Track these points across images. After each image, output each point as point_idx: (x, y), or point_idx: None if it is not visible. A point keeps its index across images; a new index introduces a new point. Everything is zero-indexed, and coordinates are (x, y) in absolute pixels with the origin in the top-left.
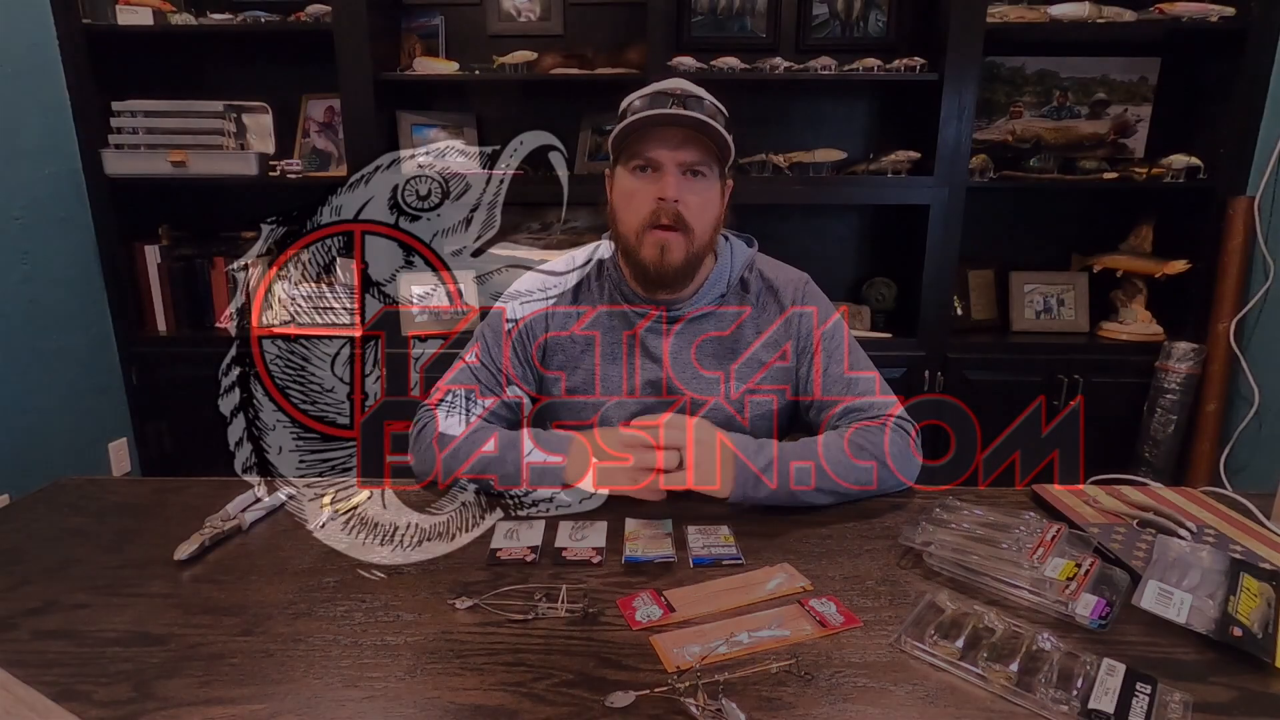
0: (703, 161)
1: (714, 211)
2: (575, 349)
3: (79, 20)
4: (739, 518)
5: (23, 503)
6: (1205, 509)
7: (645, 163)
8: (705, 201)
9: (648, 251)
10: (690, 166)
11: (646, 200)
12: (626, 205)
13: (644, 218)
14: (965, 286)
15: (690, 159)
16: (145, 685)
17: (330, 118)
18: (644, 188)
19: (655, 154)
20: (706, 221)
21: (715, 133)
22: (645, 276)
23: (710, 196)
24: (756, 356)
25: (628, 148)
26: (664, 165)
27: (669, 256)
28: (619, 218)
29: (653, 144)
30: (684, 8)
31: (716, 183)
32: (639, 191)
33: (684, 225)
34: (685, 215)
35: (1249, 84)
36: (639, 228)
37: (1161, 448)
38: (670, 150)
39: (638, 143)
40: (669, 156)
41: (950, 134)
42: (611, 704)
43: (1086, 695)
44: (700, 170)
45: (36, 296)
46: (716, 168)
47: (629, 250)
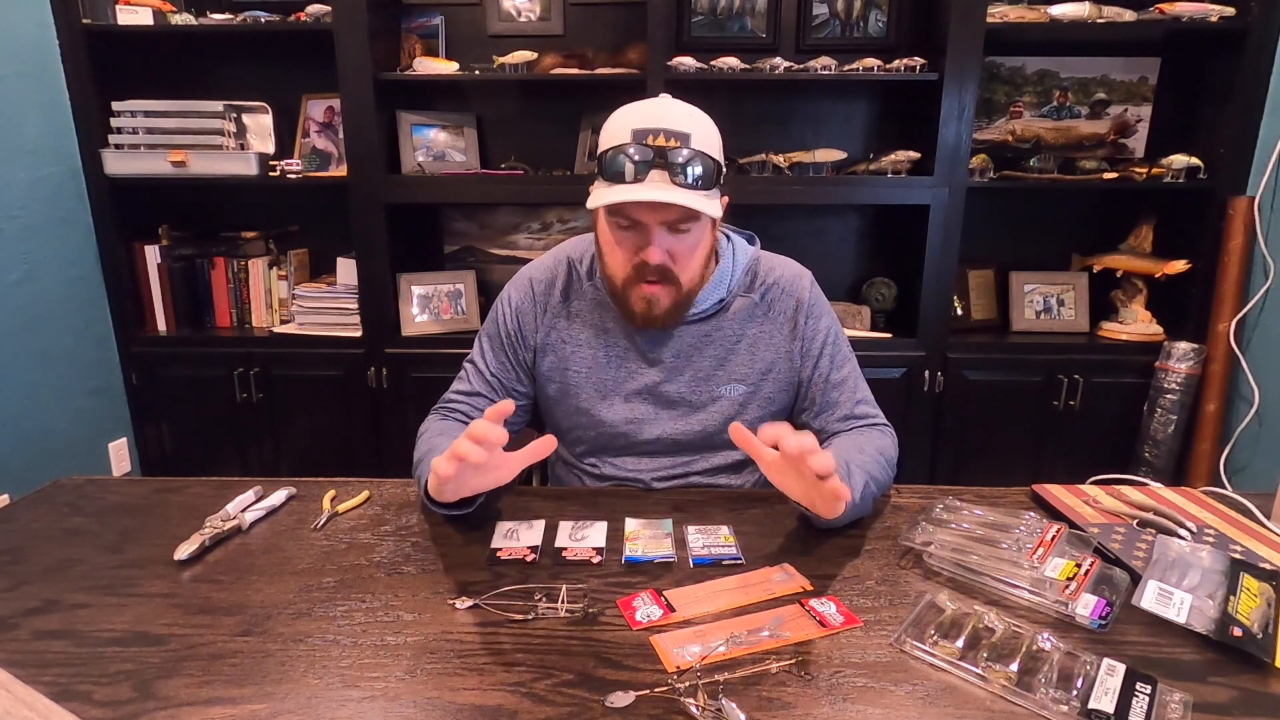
0: (688, 217)
1: (703, 253)
2: (566, 350)
3: (79, 20)
4: (739, 518)
5: (23, 503)
6: (1205, 509)
7: (627, 221)
8: (692, 248)
9: (635, 303)
10: (675, 224)
11: (630, 255)
12: (610, 252)
13: (629, 271)
14: (965, 286)
15: (674, 218)
16: (145, 685)
17: (330, 118)
18: (626, 243)
19: (637, 214)
20: (696, 265)
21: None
22: (632, 322)
23: (698, 241)
24: (762, 358)
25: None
26: (648, 226)
27: (656, 309)
28: (604, 259)
29: (633, 205)
30: (684, 8)
31: (705, 226)
32: (622, 245)
33: (672, 278)
34: (673, 270)
35: (1249, 84)
36: (624, 279)
37: (1161, 448)
38: (653, 210)
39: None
40: (652, 216)
41: (950, 134)
42: (611, 704)
43: (1086, 695)
44: (685, 225)
45: (36, 296)
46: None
47: (615, 295)
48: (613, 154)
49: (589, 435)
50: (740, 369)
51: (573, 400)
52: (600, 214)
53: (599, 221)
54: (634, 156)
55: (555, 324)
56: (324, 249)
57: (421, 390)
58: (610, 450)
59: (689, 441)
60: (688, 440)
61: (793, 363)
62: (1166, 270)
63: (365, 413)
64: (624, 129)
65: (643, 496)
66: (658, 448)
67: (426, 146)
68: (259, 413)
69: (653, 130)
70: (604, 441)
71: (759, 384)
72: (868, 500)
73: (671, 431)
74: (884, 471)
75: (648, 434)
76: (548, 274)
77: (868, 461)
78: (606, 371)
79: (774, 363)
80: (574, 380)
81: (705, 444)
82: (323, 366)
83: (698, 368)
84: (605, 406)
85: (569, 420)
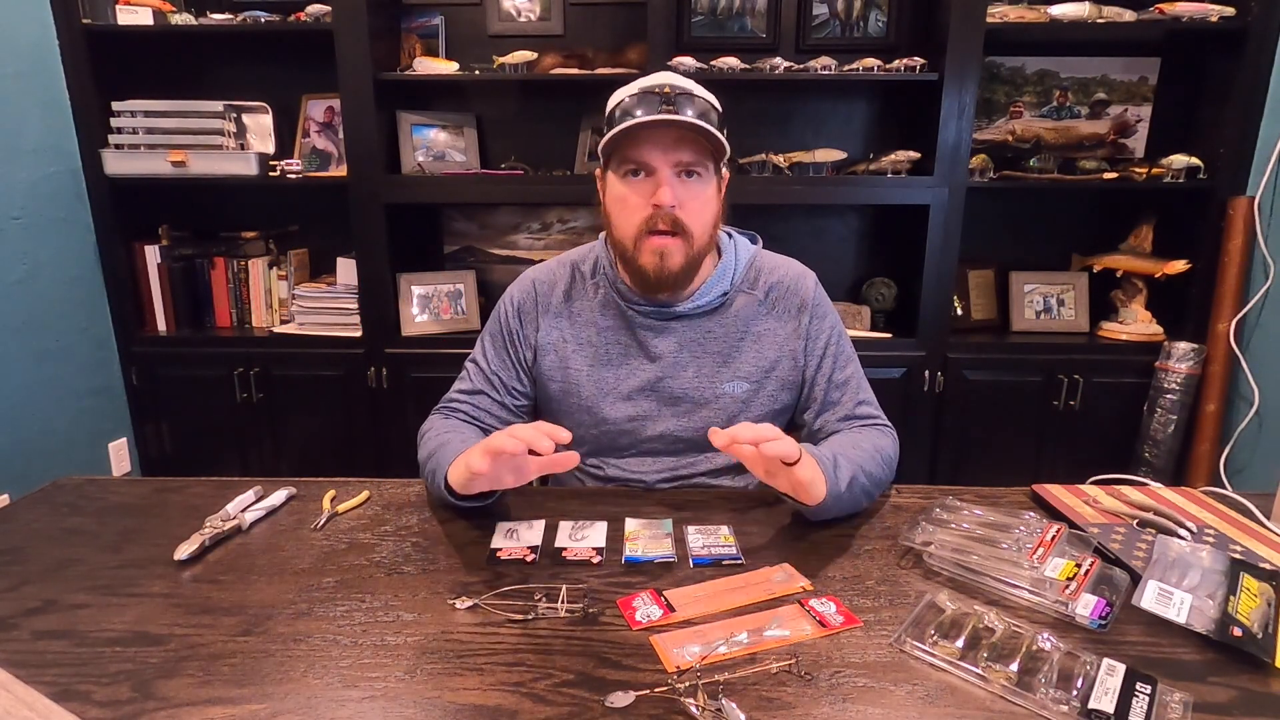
0: (698, 161)
1: (712, 211)
2: (567, 349)
3: (79, 20)
4: (739, 518)
5: (23, 503)
6: (1205, 509)
7: (638, 166)
8: (703, 202)
9: (646, 258)
10: (686, 167)
11: (641, 206)
12: (621, 211)
13: (640, 224)
14: (965, 286)
15: (685, 160)
16: (145, 685)
17: (330, 118)
18: (638, 193)
19: (648, 157)
20: (705, 222)
21: (709, 131)
22: (645, 282)
23: (707, 196)
24: (766, 356)
25: (618, 151)
26: (658, 169)
27: (668, 262)
28: (614, 223)
29: (645, 147)
30: (684, 8)
31: (713, 181)
32: (633, 196)
33: (682, 229)
34: (683, 219)
35: (1249, 84)
36: (635, 234)
37: (1161, 448)
38: (664, 152)
39: (629, 146)
40: (663, 159)
41: (950, 134)
42: (611, 704)
43: (1086, 695)
44: (696, 170)
45: (36, 296)
46: (712, 165)
47: (627, 256)
48: (621, 108)
49: (591, 434)
50: (744, 366)
51: (574, 398)
52: (610, 179)
53: (609, 186)
54: (643, 101)
55: (556, 324)
56: (324, 249)
57: (421, 390)
58: (613, 450)
59: (691, 439)
60: (690, 438)
61: (796, 361)
62: (1166, 270)
63: (365, 413)
64: (631, 90)
65: (643, 496)
66: (660, 446)
67: (426, 146)
68: (259, 413)
69: (659, 85)
70: (607, 441)
71: (762, 382)
72: (858, 494)
73: (674, 429)
74: (880, 468)
75: (650, 431)
76: (550, 276)
77: (860, 456)
78: (608, 369)
79: (778, 361)
80: (575, 378)
81: (708, 442)
82: (323, 366)
83: (700, 364)
84: (607, 404)
85: (571, 419)
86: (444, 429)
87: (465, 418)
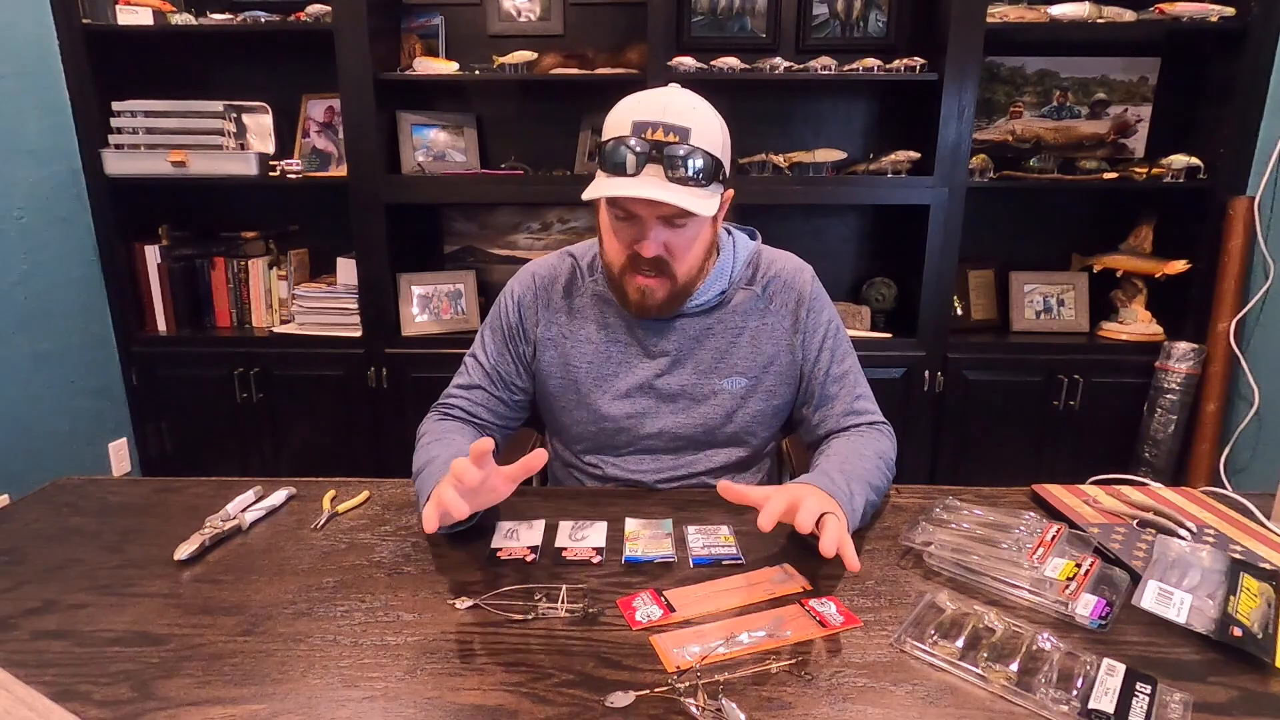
0: (684, 213)
1: (702, 246)
2: (567, 345)
3: (79, 20)
4: (739, 518)
5: (23, 503)
6: (1205, 509)
7: (624, 214)
8: (689, 242)
9: (630, 292)
10: (671, 219)
11: (626, 246)
12: (609, 240)
13: (625, 259)
14: (965, 286)
15: (669, 213)
16: (145, 685)
17: (330, 118)
18: (622, 237)
19: (633, 208)
20: (692, 260)
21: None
22: (628, 309)
23: (694, 235)
24: (763, 351)
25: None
26: (644, 219)
27: (649, 300)
28: (603, 246)
29: (628, 198)
30: (684, 8)
31: (702, 219)
32: (619, 235)
33: (668, 270)
34: (669, 262)
35: (1249, 84)
36: (620, 267)
37: (1161, 448)
38: (648, 204)
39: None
40: (648, 210)
41: (950, 134)
42: (611, 704)
43: (1086, 695)
44: (682, 220)
45: (36, 296)
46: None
47: (612, 282)
48: (613, 145)
49: (590, 431)
50: (741, 362)
51: (574, 394)
52: (601, 201)
53: (600, 208)
54: (634, 148)
55: (556, 319)
56: (324, 249)
57: (421, 390)
58: (612, 448)
59: (690, 436)
60: (689, 434)
61: (794, 356)
62: (1166, 270)
63: (365, 413)
64: (626, 120)
65: (643, 496)
66: (659, 443)
67: (426, 146)
68: (259, 413)
69: (653, 124)
70: (605, 438)
71: (760, 377)
72: (867, 513)
73: (672, 425)
74: (883, 477)
75: (649, 428)
76: (550, 270)
77: (869, 472)
78: (608, 365)
79: (775, 356)
80: (575, 374)
81: (707, 439)
82: (323, 366)
83: (698, 361)
84: (606, 400)
85: (569, 416)
86: (435, 436)
87: (462, 414)
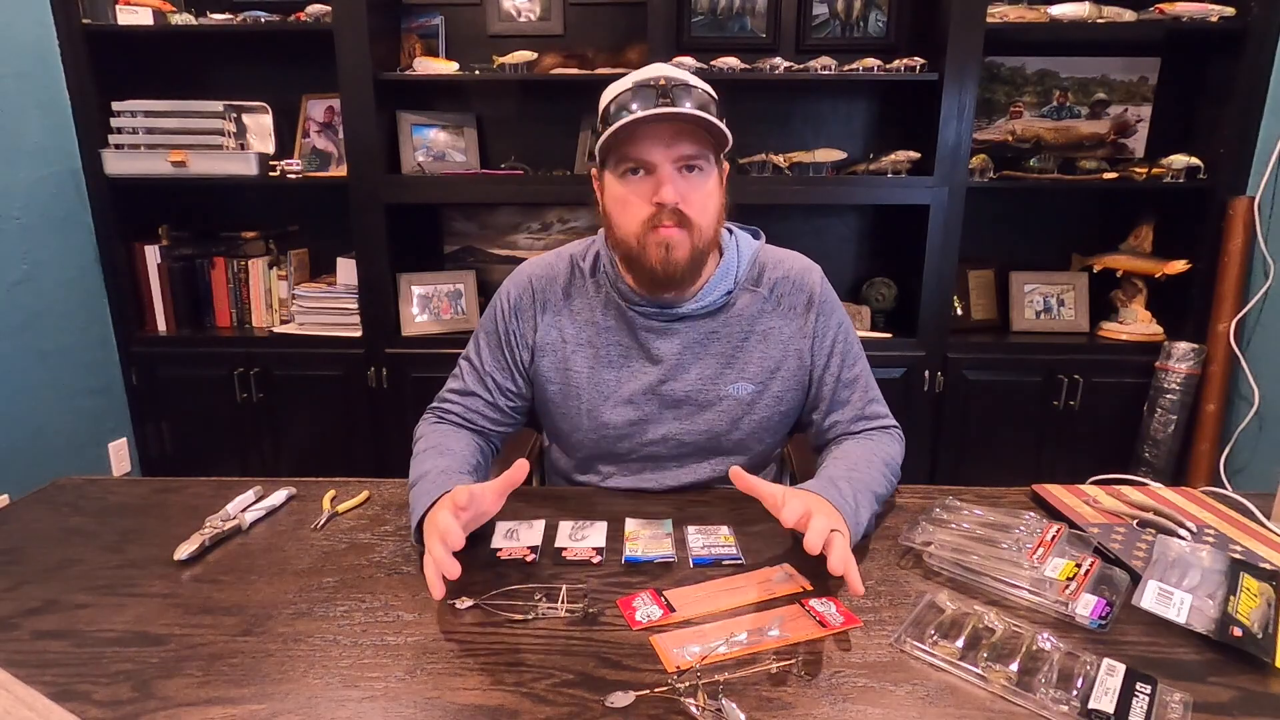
0: (699, 154)
1: (715, 204)
2: (566, 350)
3: (79, 20)
4: (739, 518)
5: (23, 503)
6: (1205, 509)
7: (637, 164)
8: (706, 195)
9: (652, 252)
10: (687, 161)
11: (644, 204)
12: (622, 211)
13: (644, 221)
14: (965, 286)
15: (687, 153)
16: (145, 685)
17: (330, 118)
18: (639, 192)
19: (648, 154)
20: (710, 215)
21: (710, 121)
22: (652, 279)
23: (710, 189)
24: (771, 355)
25: (616, 149)
26: (658, 165)
27: (674, 254)
28: (615, 223)
29: (644, 144)
30: (684, 8)
31: (714, 173)
32: (633, 196)
33: (687, 222)
34: (688, 213)
35: (1249, 84)
36: (639, 231)
37: (1161, 448)
38: (664, 148)
39: (627, 144)
40: (663, 155)
41: (950, 134)
42: (611, 704)
43: (1086, 695)
44: (697, 164)
45: (36, 296)
46: (713, 156)
47: (631, 255)
48: (616, 104)
49: (590, 439)
50: (748, 367)
51: (573, 401)
52: (608, 179)
53: (607, 187)
54: (641, 96)
55: (555, 322)
56: (324, 249)
57: (422, 390)
58: (613, 456)
59: (694, 443)
60: (693, 441)
61: (803, 360)
62: (1166, 270)
63: (365, 413)
64: (625, 84)
65: (643, 497)
66: (663, 450)
67: (426, 146)
68: (259, 413)
69: (653, 78)
70: (607, 445)
71: (767, 382)
72: (871, 525)
73: (676, 432)
74: (888, 484)
75: (652, 435)
76: (548, 271)
77: (875, 481)
78: (609, 371)
79: (783, 360)
80: (575, 380)
81: (712, 447)
82: (323, 366)
83: (704, 366)
84: (607, 408)
85: (569, 423)
86: (429, 445)
87: (458, 419)
